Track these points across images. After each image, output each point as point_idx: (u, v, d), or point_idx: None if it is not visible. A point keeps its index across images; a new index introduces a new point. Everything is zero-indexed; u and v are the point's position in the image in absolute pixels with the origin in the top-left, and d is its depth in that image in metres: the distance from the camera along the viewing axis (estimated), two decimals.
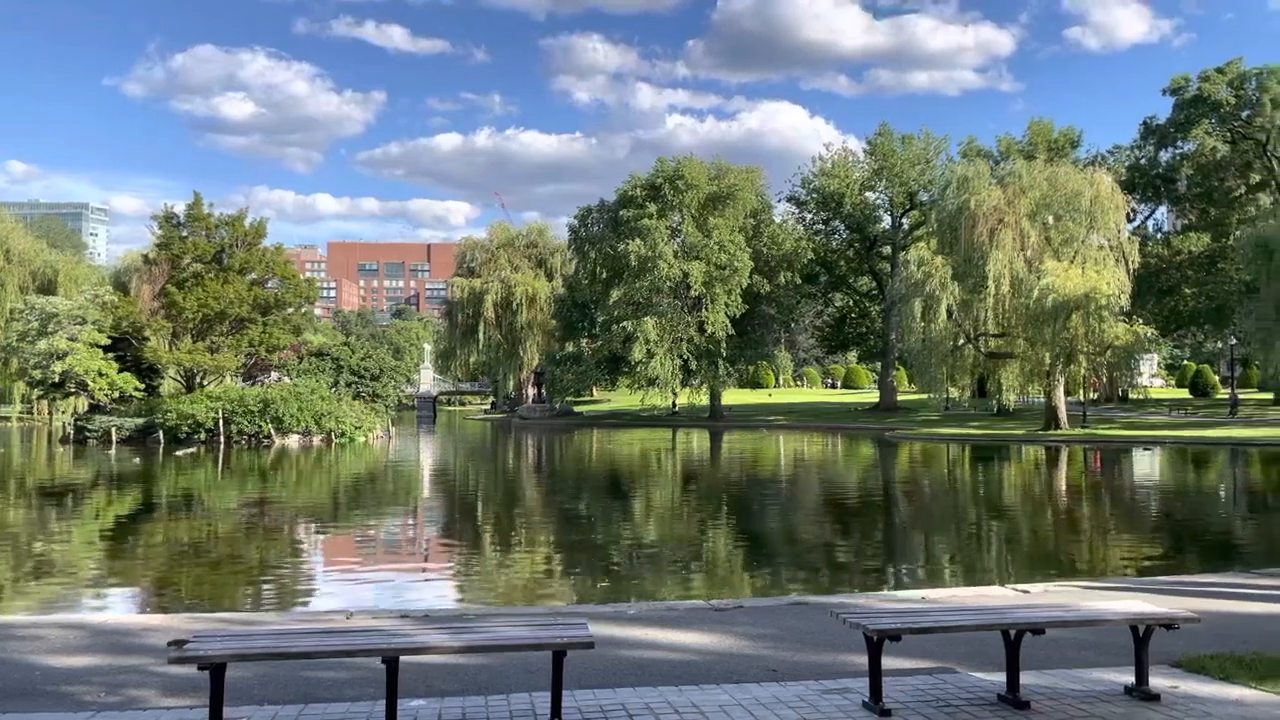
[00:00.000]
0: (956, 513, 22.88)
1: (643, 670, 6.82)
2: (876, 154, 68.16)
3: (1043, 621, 5.86)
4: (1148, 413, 60.22)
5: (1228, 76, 54.51)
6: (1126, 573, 13.40)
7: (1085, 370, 49.89)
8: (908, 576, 13.98)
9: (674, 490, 28.67)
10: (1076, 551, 16.75)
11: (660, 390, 64.23)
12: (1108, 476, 32.98)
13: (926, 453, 43.66)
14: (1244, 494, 27.81)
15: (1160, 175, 60.00)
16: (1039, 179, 49.45)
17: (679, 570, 14.41)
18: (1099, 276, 46.12)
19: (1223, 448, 41.14)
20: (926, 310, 49.72)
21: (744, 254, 62.45)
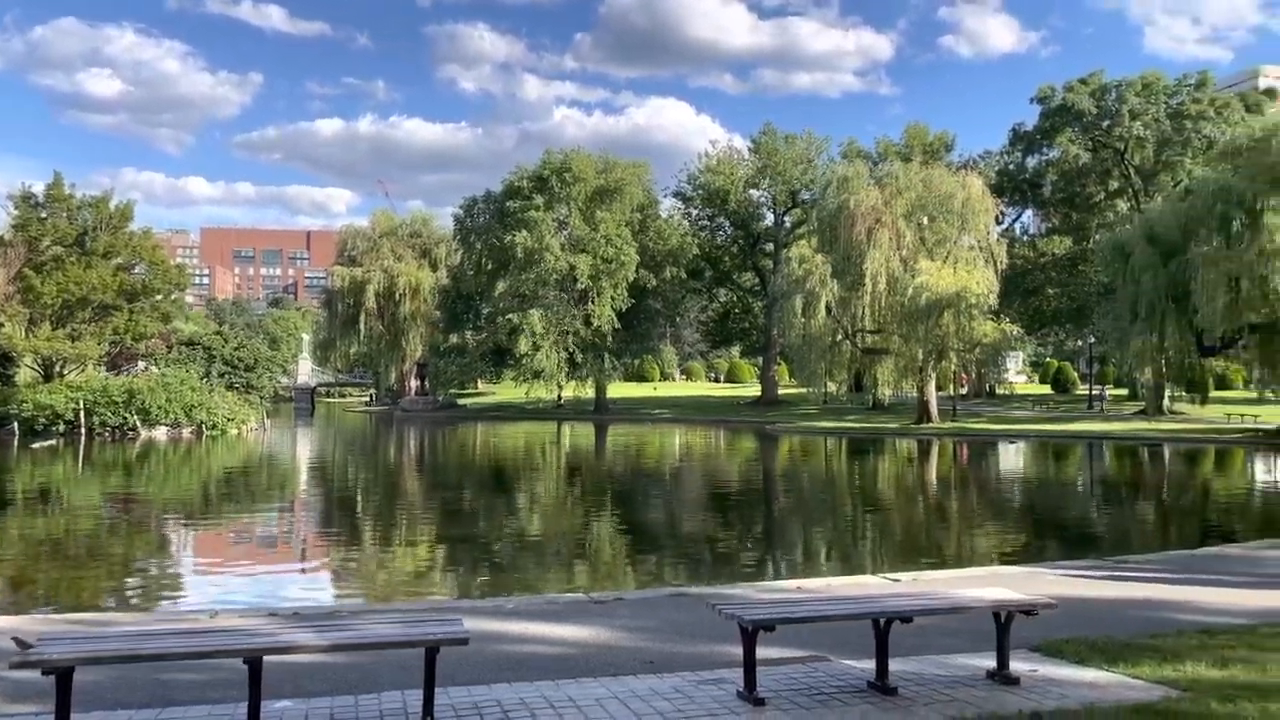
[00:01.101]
0: (834, 504, 23.45)
1: (520, 665, 6.74)
2: (761, 152, 69.32)
3: (910, 610, 6.02)
4: (1013, 408, 63.02)
5: (1090, 87, 57.33)
6: (992, 561, 13.92)
7: (955, 366, 51.92)
8: (786, 567, 14.25)
9: (558, 483, 28.57)
10: (946, 541, 17.37)
11: (545, 383, 63.98)
12: (975, 469, 34.37)
13: (805, 446, 44.66)
14: (1100, 485, 29.36)
15: (1027, 180, 62.72)
16: (914, 181, 51.15)
17: (563, 563, 14.35)
18: (969, 276, 47.99)
19: (1081, 441, 43.36)
20: (807, 307, 50.87)
21: (630, 248, 62.70)
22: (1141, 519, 21.02)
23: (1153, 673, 6.31)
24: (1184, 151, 54.92)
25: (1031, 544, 16.75)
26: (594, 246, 61.97)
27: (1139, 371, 45.69)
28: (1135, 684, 6.12)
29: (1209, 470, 32.95)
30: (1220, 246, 37.57)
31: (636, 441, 47.34)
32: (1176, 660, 6.55)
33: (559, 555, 15.10)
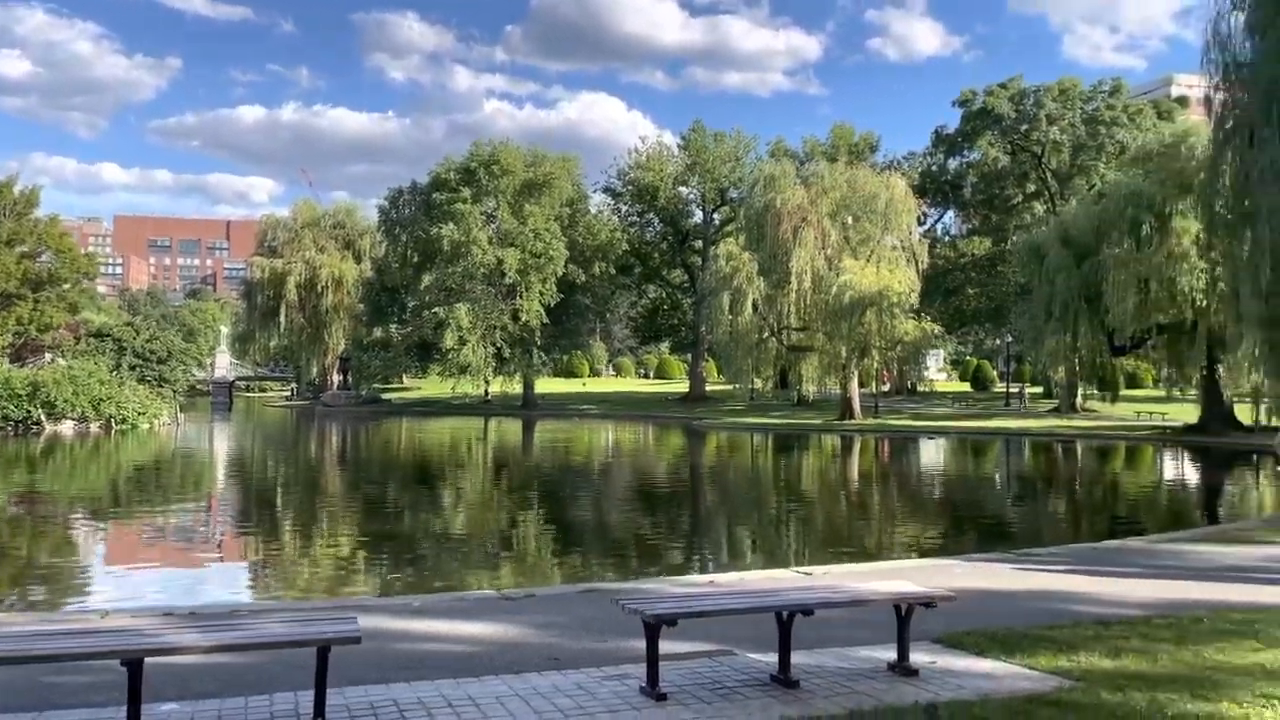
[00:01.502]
0: (757, 500, 23.62)
1: (422, 664, 6.60)
2: (690, 149, 69.57)
3: (812, 603, 6.04)
4: (933, 404, 64.26)
5: (1009, 92, 58.72)
6: (911, 554, 14.13)
7: (878, 364, 52.74)
8: (707, 561, 14.27)
9: (483, 479, 28.29)
10: (866, 534, 17.61)
11: (472, 378, 63.32)
12: (896, 464, 34.97)
13: (732, 442, 44.97)
14: (1016, 480, 30.11)
15: (949, 182, 64.02)
16: (840, 180, 51.81)
17: (482, 560, 14.18)
18: (892, 275, 48.78)
19: (998, 437, 44.43)
20: (734, 304, 51.23)
21: (559, 243, 62.38)
22: (1053, 513, 21.58)
23: (1048, 663, 6.43)
24: (1098, 156, 56.58)
25: (948, 537, 17.06)
26: (522, 240, 61.53)
27: (1053, 370, 46.95)
28: (1031, 674, 6.23)
29: (1119, 466, 34.00)
30: (1131, 249, 38.73)
31: (563, 437, 47.16)
32: (1072, 651, 6.69)
33: (480, 552, 14.93)
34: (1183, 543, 12.62)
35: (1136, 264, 38.24)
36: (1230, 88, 18.52)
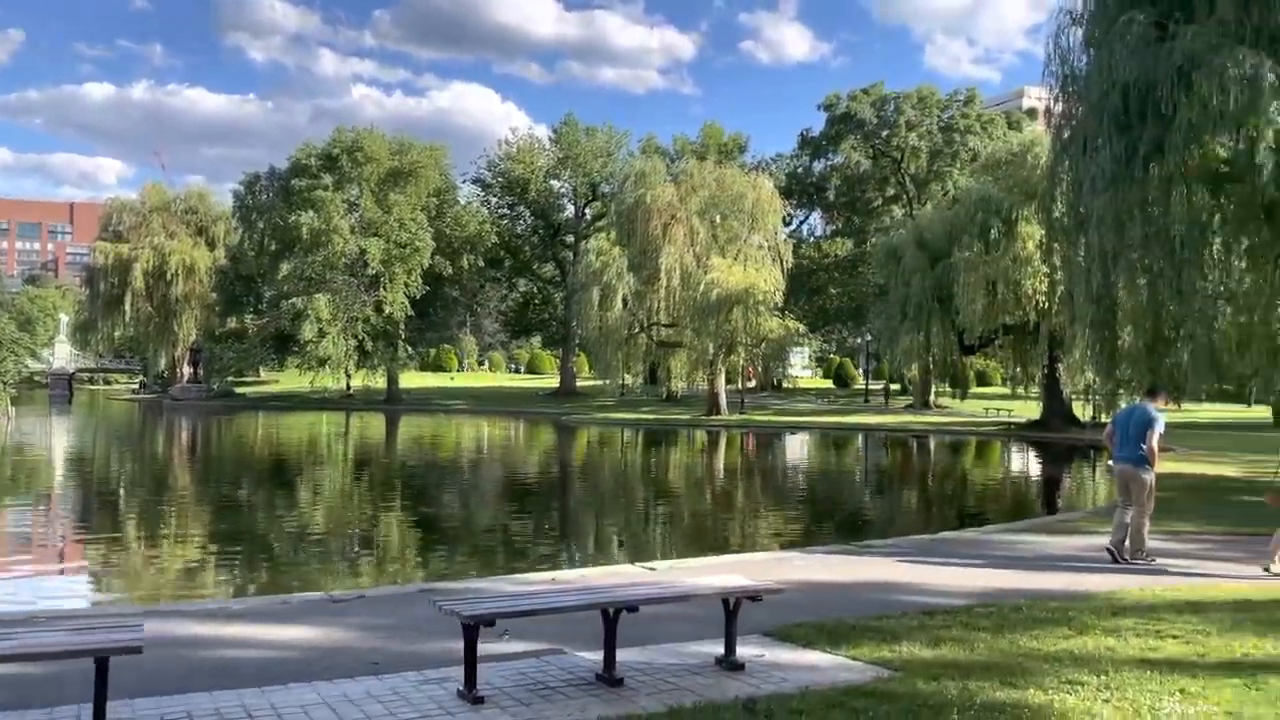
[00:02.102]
0: (620, 495, 23.59)
1: (228, 671, 6.19)
2: (562, 143, 69.23)
3: (637, 600, 5.92)
4: (797, 401, 65.82)
5: (871, 98, 60.57)
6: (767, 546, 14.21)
7: (744, 360, 53.59)
8: (564, 557, 14.08)
9: (340, 476, 27.37)
10: (724, 528, 17.76)
11: (332, 372, 61.41)
12: (759, 459, 35.60)
13: (600, 437, 44.94)
14: (872, 473, 31.02)
15: (813, 183, 65.65)
16: (708, 179, 52.40)
17: (327, 561, 13.63)
18: (758, 274, 49.63)
19: (857, 432, 45.77)
20: (604, 299, 51.24)
21: (426, 233, 61.12)
22: (903, 505, 22.27)
23: (871, 654, 6.50)
24: (953, 163, 58.96)
25: (802, 529, 17.36)
26: (387, 230, 59.99)
27: (907, 368, 48.66)
28: (853, 665, 6.28)
29: (965, 460, 35.46)
30: (980, 253, 40.38)
31: (426, 433, 46.21)
32: (895, 641, 6.79)
33: (325, 553, 14.35)
34: (1014, 533, 13.12)
35: (985, 267, 39.90)
36: (1068, 99, 19.38)
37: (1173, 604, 8.18)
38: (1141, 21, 16.48)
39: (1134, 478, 10.82)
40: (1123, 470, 11.01)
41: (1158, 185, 16.07)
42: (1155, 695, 5.56)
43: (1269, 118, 15.16)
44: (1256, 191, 15.78)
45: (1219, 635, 7.03)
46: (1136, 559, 10.56)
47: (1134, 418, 11.05)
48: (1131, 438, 10.89)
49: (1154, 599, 8.46)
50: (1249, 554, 11.17)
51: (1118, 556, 10.57)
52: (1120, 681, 5.84)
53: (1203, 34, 15.64)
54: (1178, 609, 7.99)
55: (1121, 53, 16.57)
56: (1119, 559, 10.53)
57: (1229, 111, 15.25)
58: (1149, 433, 10.72)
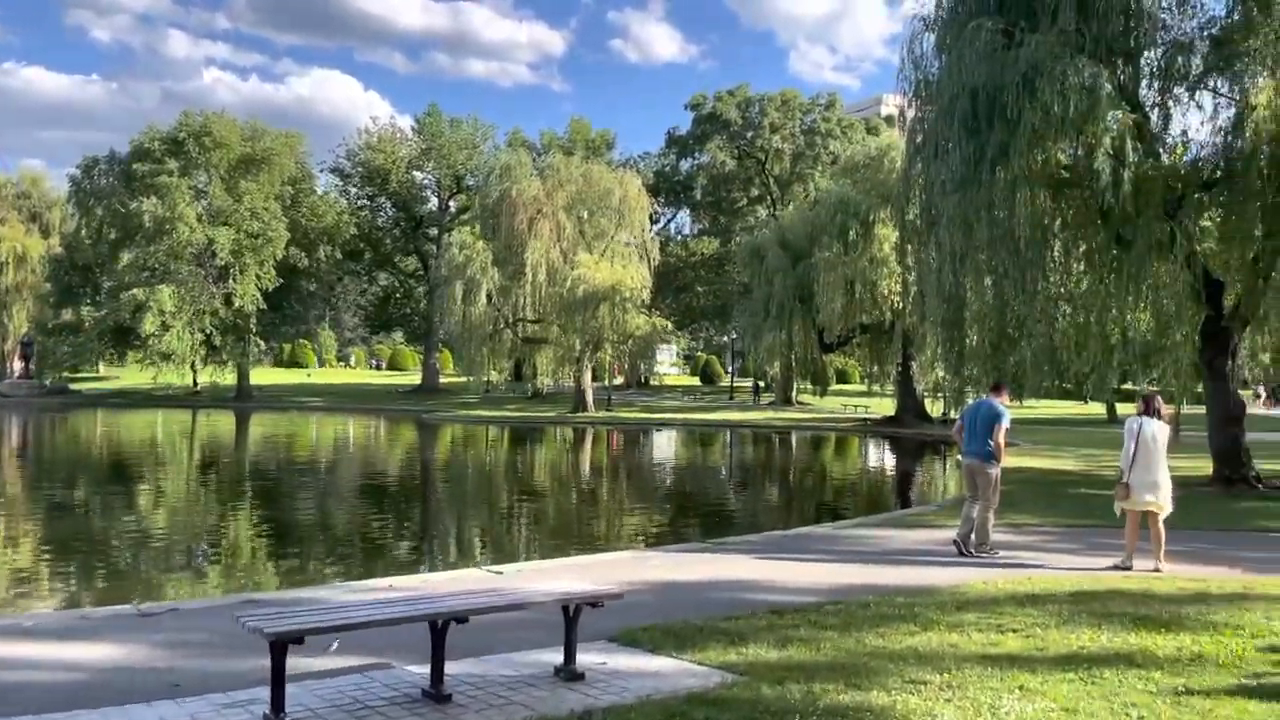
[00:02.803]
0: (480, 494, 22.99)
1: (6, 698, 5.48)
2: (425, 133, 67.61)
3: (465, 610, 5.51)
4: (664, 398, 66.19)
5: (737, 99, 61.39)
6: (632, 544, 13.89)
7: (610, 357, 53.48)
8: (413, 561, 13.47)
9: (179, 477, 25.78)
10: (588, 527, 17.44)
11: (177, 367, 58.18)
12: (623, 456, 35.47)
13: (462, 435, 44.01)
14: (732, 469, 31.25)
15: (681, 182, 66.12)
16: (575, 174, 52.05)
17: (154, 569, 12.64)
18: (625, 271, 49.58)
19: (721, 429, 46.24)
20: (468, 294, 50.24)
21: (279, 223, 58.56)
22: (762, 501, 22.41)
23: (717, 657, 6.26)
24: (815, 165, 60.32)
25: (663, 527, 17.20)
26: (237, 219, 57.19)
27: (769, 365, 49.44)
28: (698, 670, 6.03)
29: (822, 455, 36.22)
30: (839, 253, 41.34)
31: (276, 431, 44.29)
32: (742, 643, 6.58)
33: (149, 561, 13.32)
34: (866, 528, 13.24)
35: (844, 267, 40.89)
36: (921, 103, 19.85)
37: (1014, 597, 8.28)
38: (989, 28, 16.95)
39: (981, 471, 11.02)
40: (970, 464, 11.21)
41: (1003, 188, 16.54)
42: (995, 693, 5.50)
43: (1106, 125, 15.81)
44: (1094, 196, 16.44)
45: (1057, 628, 7.10)
46: (981, 551, 10.74)
47: (980, 413, 11.26)
48: (979, 433, 11.09)
49: (997, 592, 8.55)
50: (1085, 546, 11.56)
51: (964, 550, 10.72)
52: (962, 679, 5.76)
53: (1046, 42, 16.19)
54: (1019, 602, 8.07)
55: (970, 58, 17.01)
56: (965, 552, 10.69)
57: (1069, 118, 15.82)
58: (995, 428, 10.93)
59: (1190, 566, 10.06)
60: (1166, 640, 6.73)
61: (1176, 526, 12.89)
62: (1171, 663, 6.20)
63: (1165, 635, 6.87)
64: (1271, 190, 16.06)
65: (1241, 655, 6.33)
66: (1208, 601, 8.08)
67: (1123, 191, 15.88)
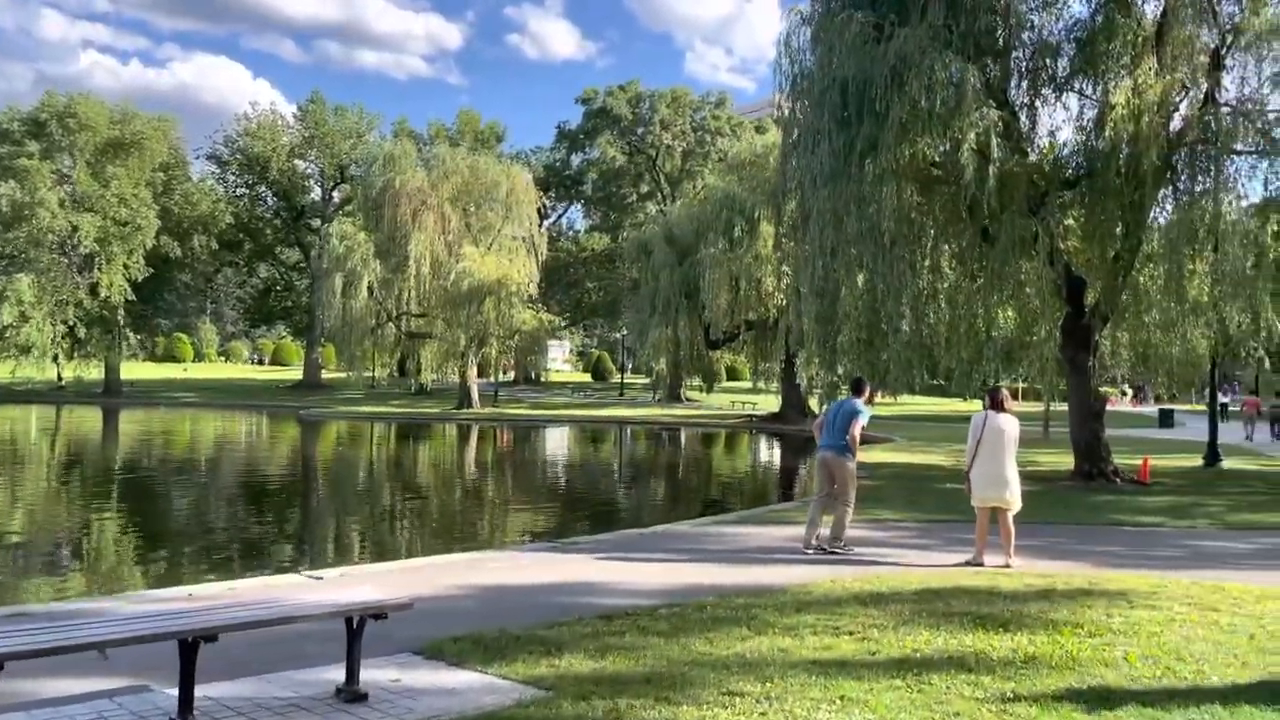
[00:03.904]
0: (340, 494, 21.98)
1: None
2: (308, 121, 65.44)
3: (218, 626, 4.82)
4: (554, 394, 65.56)
5: (628, 94, 61.09)
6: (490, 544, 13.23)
7: (497, 352, 52.50)
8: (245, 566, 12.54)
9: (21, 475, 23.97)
10: (449, 527, 16.70)
11: (37, 361, 54.88)
12: (505, 453, 34.68)
13: (341, 432, 42.54)
14: (613, 466, 30.81)
15: (571, 177, 65.49)
16: (461, 166, 50.96)
17: None
18: (511, 265, 48.78)
19: (607, 425, 45.86)
20: (348, 286, 48.76)
21: (150, 211, 55.75)
22: (633, 498, 22.01)
23: (525, 671, 5.71)
24: (705, 163, 60.46)
25: (528, 525, 16.60)
26: (104, 206, 54.17)
27: (656, 361, 49.24)
28: (501, 685, 5.47)
29: (705, 451, 36.13)
30: (725, 250, 41.37)
31: (141, 429, 42.07)
32: (558, 654, 6.04)
33: None
34: (726, 525, 12.90)
35: (730, 264, 40.93)
36: (797, 97, 19.69)
37: (858, 596, 7.96)
38: (861, 21, 16.87)
39: (837, 464, 10.82)
40: (825, 457, 10.99)
41: (872, 182, 16.47)
42: (815, 704, 5.09)
43: (972, 121, 15.84)
44: (961, 192, 16.49)
45: (895, 630, 6.77)
46: (836, 548, 10.50)
47: (842, 410, 11.06)
48: (836, 428, 10.87)
49: (842, 592, 8.22)
50: (942, 542, 11.41)
51: (824, 549, 10.52)
52: (783, 689, 5.35)
53: (915, 37, 16.16)
54: (862, 601, 7.75)
55: (841, 51, 16.91)
56: (826, 550, 10.47)
57: (936, 112, 15.83)
58: (853, 422, 10.72)
59: (1041, 562, 9.98)
60: (1003, 641, 6.46)
61: (1033, 521, 12.97)
62: (1004, 665, 5.92)
63: (1003, 636, 6.61)
64: (1130, 189, 16.36)
65: (1075, 656, 6.08)
66: (1051, 599, 7.89)
67: (988, 188, 15.96)
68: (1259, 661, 6.05)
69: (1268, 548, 11.43)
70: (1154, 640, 6.52)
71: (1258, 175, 16.75)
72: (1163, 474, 19.62)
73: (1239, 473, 21.08)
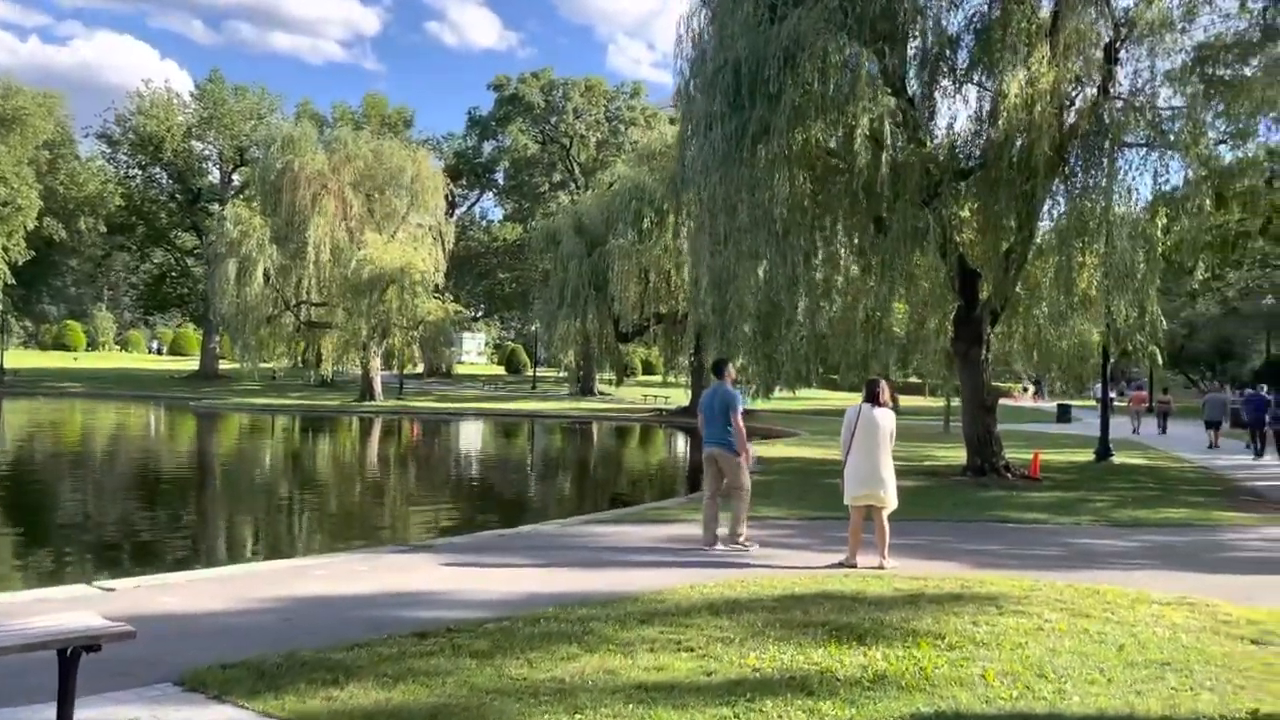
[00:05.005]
0: (210, 492, 20.68)
1: None
2: (206, 100, 62.80)
3: None
4: (465, 387, 64.19)
5: (541, 82, 60.00)
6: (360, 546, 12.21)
7: (401, 343, 50.92)
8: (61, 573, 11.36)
9: None
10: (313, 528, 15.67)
11: None
12: (402, 448, 33.47)
13: (229, 424, 40.72)
14: (511, 461, 29.89)
15: (483, 165, 64.14)
16: (364, 150, 49.29)
17: None
18: (415, 253, 47.35)
19: (515, 419, 44.88)
20: (243, 273, 46.73)
21: (32, 190, 52.81)
22: (522, 495, 21.15)
23: (296, 704, 4.89)
24: (619, 154, 59.64)
25: (398, 526, 15.65)
26: None
27: (564, 354, 48.42)
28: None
29: (610, 446, 35.45)
30: (634, 241, 40.74)
31: (11, 420, 39.68)
32: (345, 682, 5.23)
33: None
34: (600, 524, 12.19)
35: (639, 255, 40.32)
36: (696, 80, 19.06)
37: (713, 604, 7.29)
38: (755, 0, 16.29)
39: (725, 459, 10.30)
40: (711, 453, 10.44)
41: (765, 168, 15.90)
42: None
43: (865, 106, 15.37)
44: (854, 179, 16.03)
45: (741, 644, 6.12)
46: (735, 543, 10.04)
47: (716, 399, 10.47)
48: (717, 420, 10.29)
49: (698, 599, 7.55)
50: (822, 541, 10.86)
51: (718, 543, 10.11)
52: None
53: (809, 18, 15.62)
54: (716, 610, 7.09)
55: (735, 30, 16.34)
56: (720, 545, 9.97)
57: (830, 97, 15.33)
58: (732, 415, 10.13)
59: (917, 562, 9.49)
60: (854, 657, 5.85)
61: (917, 517, 12.56)
62: (850, 686, 5.30)
63: (855, 650, 6.01)
64: (1022, 180, 16.09)
65: (929, 674, 5.50)
66: (918, 605, 7.35)
67: (881, 176, 15.56)
68: (1125, 677, 5.55)
69: (1148, 545, 11.16)
70: (1017, 653, 5.99)
71: (1148, 168, 16.65)
72: (1055, 469, 19.55)
73: (1129, 467, 21.16)
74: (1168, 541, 11.42)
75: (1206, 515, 13.71)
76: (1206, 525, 12.85)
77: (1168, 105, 16.77)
